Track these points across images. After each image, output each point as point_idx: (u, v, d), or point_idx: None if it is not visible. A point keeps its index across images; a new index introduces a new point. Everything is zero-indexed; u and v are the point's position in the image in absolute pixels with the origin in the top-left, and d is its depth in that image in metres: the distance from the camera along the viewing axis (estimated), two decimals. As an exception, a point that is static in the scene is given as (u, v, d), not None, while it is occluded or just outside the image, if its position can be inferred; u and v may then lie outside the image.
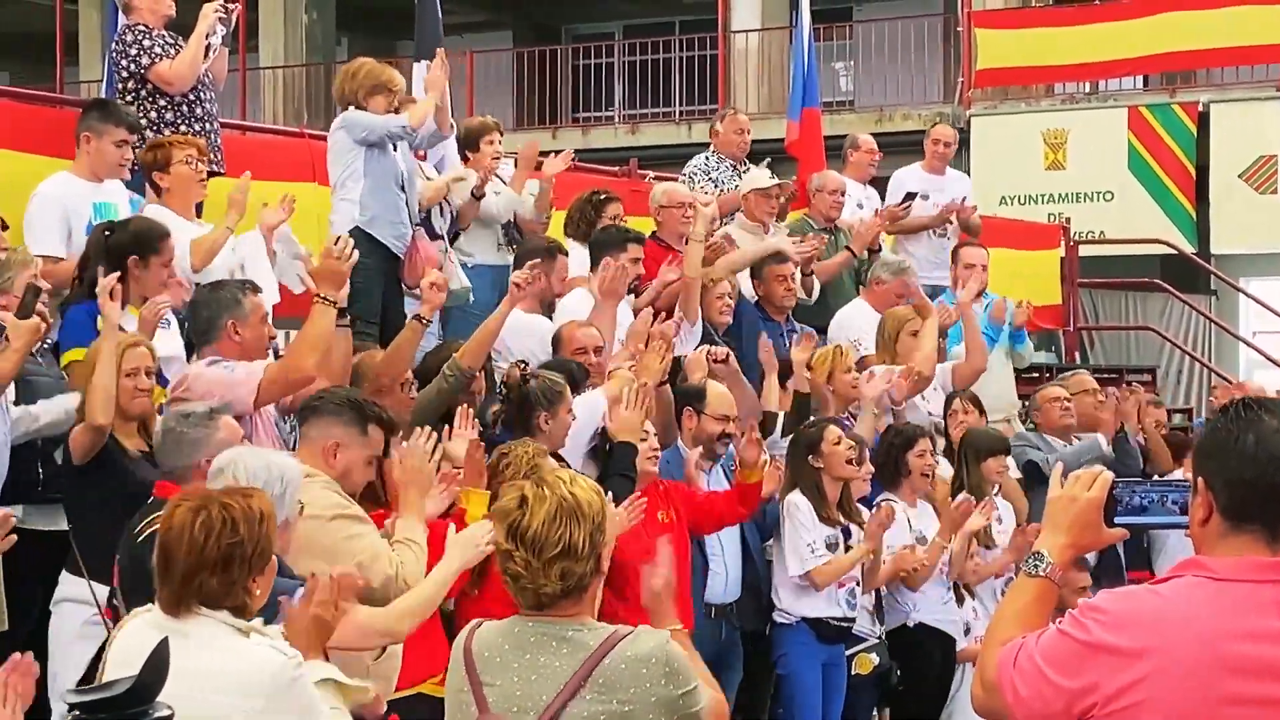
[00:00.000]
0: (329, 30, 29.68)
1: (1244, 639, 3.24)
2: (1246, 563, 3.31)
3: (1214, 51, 22.59)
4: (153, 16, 9.07)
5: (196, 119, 9.07)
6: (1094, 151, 22.70)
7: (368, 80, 9.23)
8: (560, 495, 4.30)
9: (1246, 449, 3.33)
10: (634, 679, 4.22)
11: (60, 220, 8.05)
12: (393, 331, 9.06)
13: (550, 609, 4.30)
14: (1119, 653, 3.31)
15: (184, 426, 5.85)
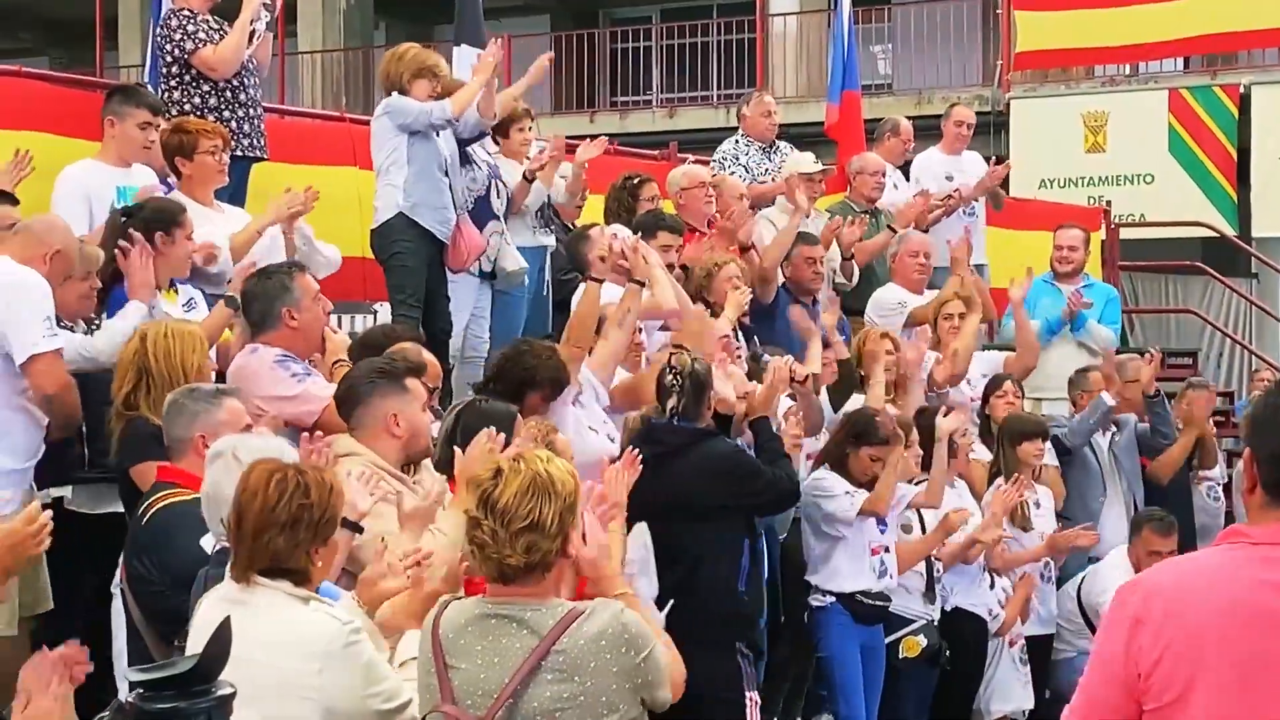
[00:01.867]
0: (367, 16, 29.73)
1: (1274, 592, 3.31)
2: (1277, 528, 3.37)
3: (1255, 33, 22.42)
4: (197, 1, 9.09)
5: (240, 104, 9.09)
6: (1134, 134, 22.64)
7: (414, 64, 9.26)
8: (535, 471, 4.38)
9: None
10: (594, 655, 4.29)
11: (83, 203, 8.04)
12: (436, 315, 9.12)
13: (514, 583, 4.36)
14: (1150, 622, 3.37)
15: (187, 399, 5.81)
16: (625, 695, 4.34)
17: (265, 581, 4.61)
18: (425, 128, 9.09)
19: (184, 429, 5.76)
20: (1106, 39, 22.84)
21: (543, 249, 10.26)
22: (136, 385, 6.37)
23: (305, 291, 7.07)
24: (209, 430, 5.70)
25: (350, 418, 6.13)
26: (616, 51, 29.92)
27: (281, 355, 6.88)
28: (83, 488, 7.08)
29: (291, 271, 7.20)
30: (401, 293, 8.99)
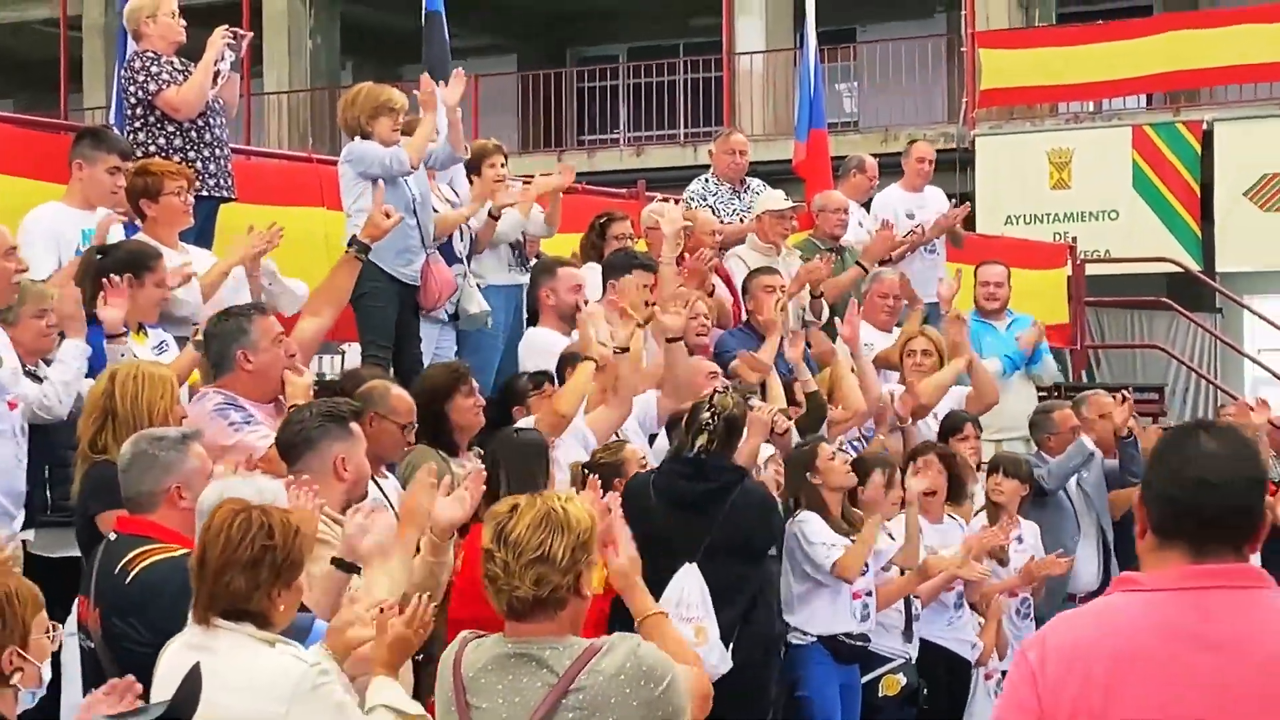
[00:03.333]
0: (333, 56, 29.75)
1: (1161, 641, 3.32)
2: (1169, 573, 3.39)
3: (1218, 70, 22.63)
4: (163, 43, 9.07)
5: (205, 144, 9.06)
6: (1099, 170, 22.72)
7: (368, 103, 9.21)
8: (550, 506, 4.37)
9: (1176, 469, 3.42)
10: (614, 691, 4.26)
11: (50, 247, 7.98)
12: (406, 356, 9.09)
13: (527, 619, 4.33)
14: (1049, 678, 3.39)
15: (157, 449, 5.61)
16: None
17: (227, 625, 4.57)
18: (384, 173, 9.03)
19: (155, 481, 5.57)
20: (1070, 76, 23.01)
21: (518, 287, 10.23)
22: (103, 427, 6.26)
23: (264, 334, 6.95)
24: (183, 480, 5.57)
25: (297, 461, 6.03)
26: (584, 90, 29.97)
27: (222, 403, 6.76)
28: (44, 531, 6.99)
29: (251, 314, 7.09)
30: (370, 334, 8.95)
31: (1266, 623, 3.32)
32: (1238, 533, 3.38)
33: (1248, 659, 3.28)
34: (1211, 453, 3.40)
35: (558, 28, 31.39)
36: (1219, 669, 3.28)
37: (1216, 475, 3.37)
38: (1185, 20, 24.10)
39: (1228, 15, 23.65)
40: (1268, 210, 22.13)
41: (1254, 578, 3.37)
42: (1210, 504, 3.36)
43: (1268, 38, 21.85)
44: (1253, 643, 3.29)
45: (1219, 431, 3.46)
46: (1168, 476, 3.42)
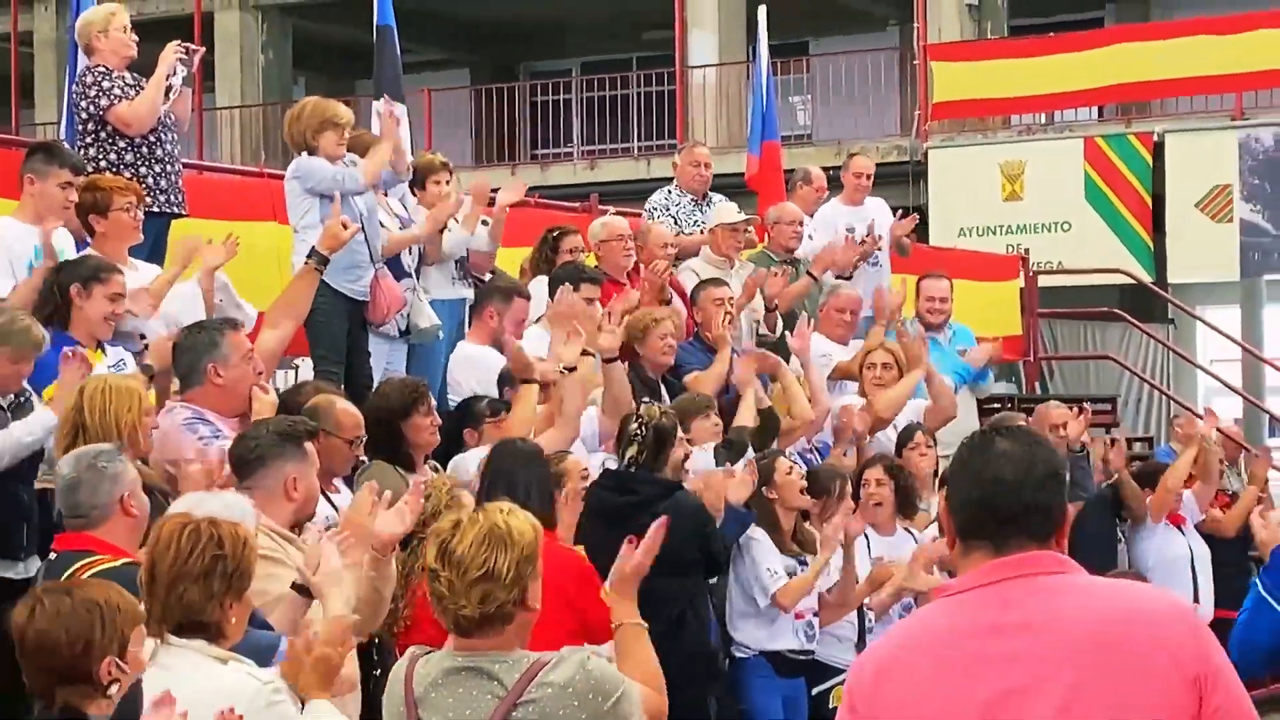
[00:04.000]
0: (286, 71, 29.70)
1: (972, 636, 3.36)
2: (973, 573, 3.44)
3: (1168, 82, 22.75)
4: (114, 58, 9.05)
5: (157, 159, 9.03)
6: (1051, 182, 22.80)
7: (314, 118, 9.22)
8: (493, 523, 4.39)
9: (975, 472, 3.47)
10: (562, 704, 4.30)
11: (2, 260, 7.95)
12: (357, 371, 9.10)
13: (474, 635, 4.36)
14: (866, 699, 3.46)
15: (104, 462, 5.61)
16: None
17: (180, 641, 4.56)
18: (333, 190, 9.04)
19: (108, 494, 5.56)
20: (1022, 89, 23.10)
21: (462, 300, 10.26)
22: (74, 441, 6.25)
23: (235, 349, 6.97)
24: (130, 489, 5.59)
25: (249, 477, 6.03)
26: (537, 104, 29.99)
27: (190, 417, 6.77)
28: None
29: (223, 328, 7.11)
30: (321, 349, 8.95)
31: (1065, 604, 3.36)
32: (1036, 527, 3.42)
33: (1047, 640, 3.31)
34: (1005, 452, 3.45)
35: (510, 42, 31.38)
36: (1016, 654, 3.31)
37: (1012, 473, 3.41)
38: (1136, 33, 24.20)
39: (1179, 27, 23.80)
40: (1219, 221, 22.23)
41: (1054, 564, 3.40)
42: (1007, 501, 3.41)
43: (1218, 50, 21.98)
44: (1053, 624, 3.33)
45: (1012, 433, 3.52)
46: (967, 481, 3.48)
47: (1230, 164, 22.18)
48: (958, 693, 3.34)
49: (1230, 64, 21.83)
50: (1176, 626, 3.34)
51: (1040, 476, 3.43)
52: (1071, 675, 3.28)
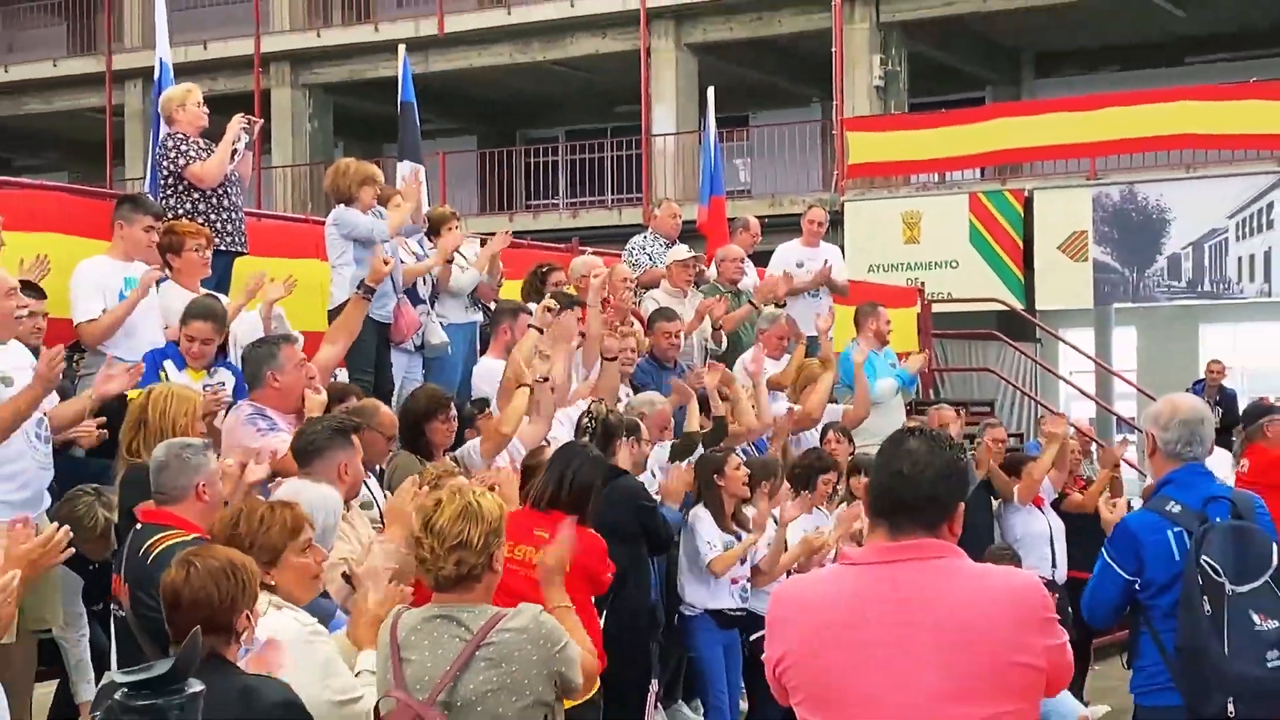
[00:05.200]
0: (328, 136, 29.66)
1: (863, 605, 3.38)
2: (869, 549, 3.47)
3: (1037, 149, 22.85)
4: (190, 127, 9.08)
5: (224, 208, 9.06)
6: (942, 229, 22.86)
7: (357, 176, 9.26)
8: (468, 500, 4.43)
9: (886, 463, 3.48)
10: (517, 647, 4.32)
11: (97, 290, 7.94)
12: (380, 379, 9.11)
13: (450, 592, 4.39)
14: (776, 627, 3.52)
15: (188, 454, 5.59)
16: (542, 680, 4.36)
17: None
18: (365, 238, 9.09)
19: (187, 479, 5.55)
20: (919, 154, 23.19)
21: (473, 324, 10.29)
22: (136, 434, 6.28)
23: (289, 359, 6.99)
24: (207, 479, 5.57)
25: (308, 464, 6.06)
26: (530, 165, 29.98)
27: (251, 413, 6.80)
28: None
29: (279, 343, 7.14)
30: (355, 361, 8.96)
31: (940, 586, 3.36)
32: (928, 516, 3.42)
33: (927, 616, 3.33)
34: (912, 450, 3.45)
35: (509, 115, 31.40)
36: (901, 626, 3.33)
37: (911, 469, 3.42)
38: (1011, 109, 24.33)
39: (1045, 105, 23.96)
40: (1076, 260, 22.33)
41: (937, 550, 3.40)
42: (904, 492, 3.42)
43: (1076, 123, 22.10)
44: (933, 603, 3.34)
45: (923, 435, 3.52)
46: (879, 470, 3.49)
47: (1085, 215, 22.28)
48: (849, 649, 3.36)
49: (1086, 135, 21.95)
50: (1020, 612, 3.36)
51: (935, 474, 3.43)
52: (939, 647, 3.31)
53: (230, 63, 28.51)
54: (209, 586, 4.06)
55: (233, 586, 4.10)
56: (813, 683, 3.39)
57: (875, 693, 3.32)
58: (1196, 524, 5.35)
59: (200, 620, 4.01)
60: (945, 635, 3.31)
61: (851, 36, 24.56)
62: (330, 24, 28.92)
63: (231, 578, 4.11)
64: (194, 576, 4.07)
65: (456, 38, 27.10)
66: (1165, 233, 21.99)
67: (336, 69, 28.58)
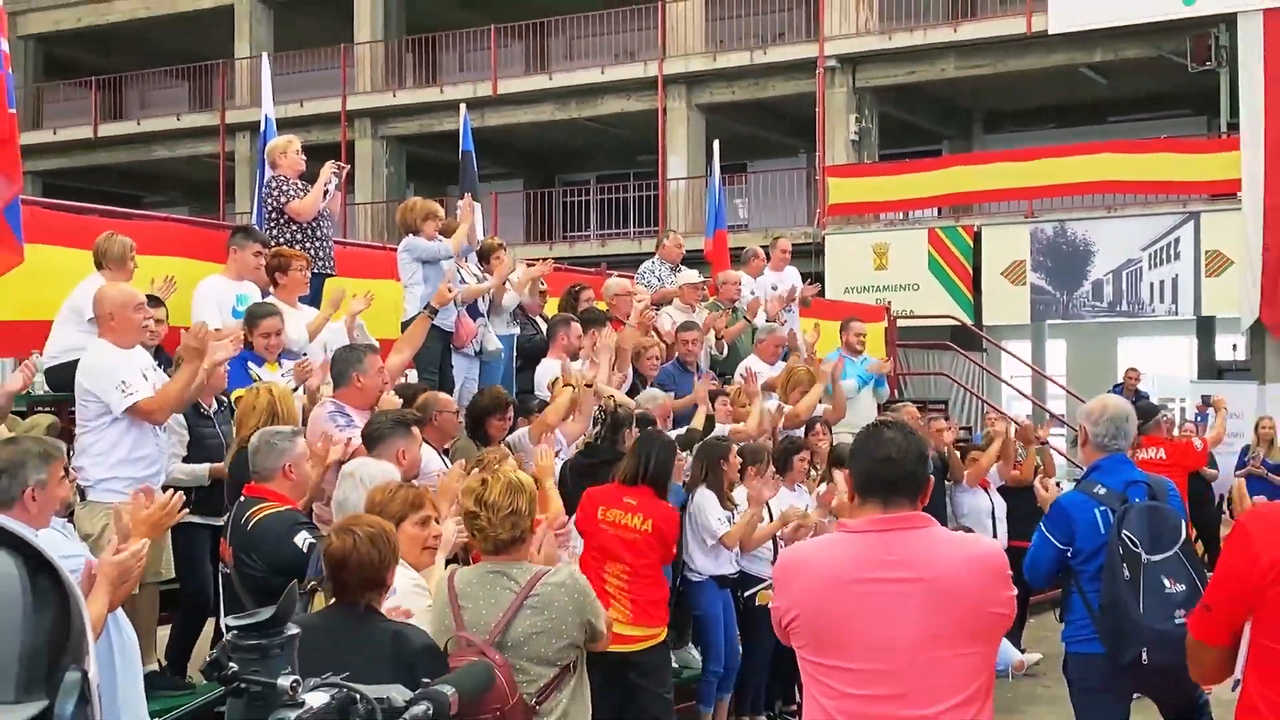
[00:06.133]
0: (401, 178, 29.72)
1: (862, 565, 3.38)
2: (866, 520, 3.45)
3: (985, 192, 22.84)
4: (290, 170, 9.09)
5: (317, 239, 9.07)
6: (906, 258, 22.86)
7: (423, 211, 9.28)
8: (509, 478, 4.47)
9: (870, 450, 3.48)
10: (556, 598, 4.34)
11: (214, 305, 7.99)
12: (444, 379, 9.10)
13: (503, 554, 4.40)
14: (784, 584, 3.51)
15: (276, 440, 5.61)
16: (576, 625, 4.37)
17: None
18: (432, 259, 9.09)
19: (275, 460, 5.57)
20: (888, 196, 23.18)
21: (512, 336, 10.25)
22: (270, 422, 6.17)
23: (372, 365, 6.93)
24: (293, 461, 5.56)
25: (373, 449, 6.05)
26: (567, 203, 30.02)
27: (334, 409, 6.73)
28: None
29: (367, 350, 7.08)
30: (423, 363, 8.97)
31: (926, 550, 3.37)
32: (911, 491, 3.43)
33: (916, 574, 3.34)
34: (891, 439, 3.46)
35: (550, 161, 31.45)
36: (894, 582, 3.34)
37: (896, 453, 3.43)
38: (963, 159, 24.29)
39: (991, 156, 23.93)
40: (1016, 284, 22.31)
41: (922, 521, 3.42)
42: (893, 473, 3.42)
43: (1017, 171, 22.09)
44: (922, 565, 3.35)
45: (896, 425, 3.54)
46: (866, 456, 3.47)
47: (1024, 246, 22.26)
48: (850, 601, 3.36)
49: (1025, 180, 21.94)
50: (991, 572, 3.39)
51: (915, 456, 3.44)
52: (926, 599, 3.32)
53: (322, 118, 28.59)
54: (372, 552, 4.02)
55: (387, 548, 4.07)
56: (818, 629, 3.39)
57: (869, 636, 3.32)
58: (1119, 504, 5.35)
59: (365, 579, 4.00)
60: (931, 588, 3.32)
61: (832, 99, 24.55)
62: (404, 86, 28.96)
63: (387, 541, 4.09)
64: (359, 543, 4.03)
65: (507, 98, 27.15)
66: (1090, 262, 21.95)
67: (409, 123, 28.63)
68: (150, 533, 4.39)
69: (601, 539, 6.98)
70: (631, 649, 6.85)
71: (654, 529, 6.99)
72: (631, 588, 6.97)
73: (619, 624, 6.76)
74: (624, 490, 7.01)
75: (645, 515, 7.01)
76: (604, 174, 30.85)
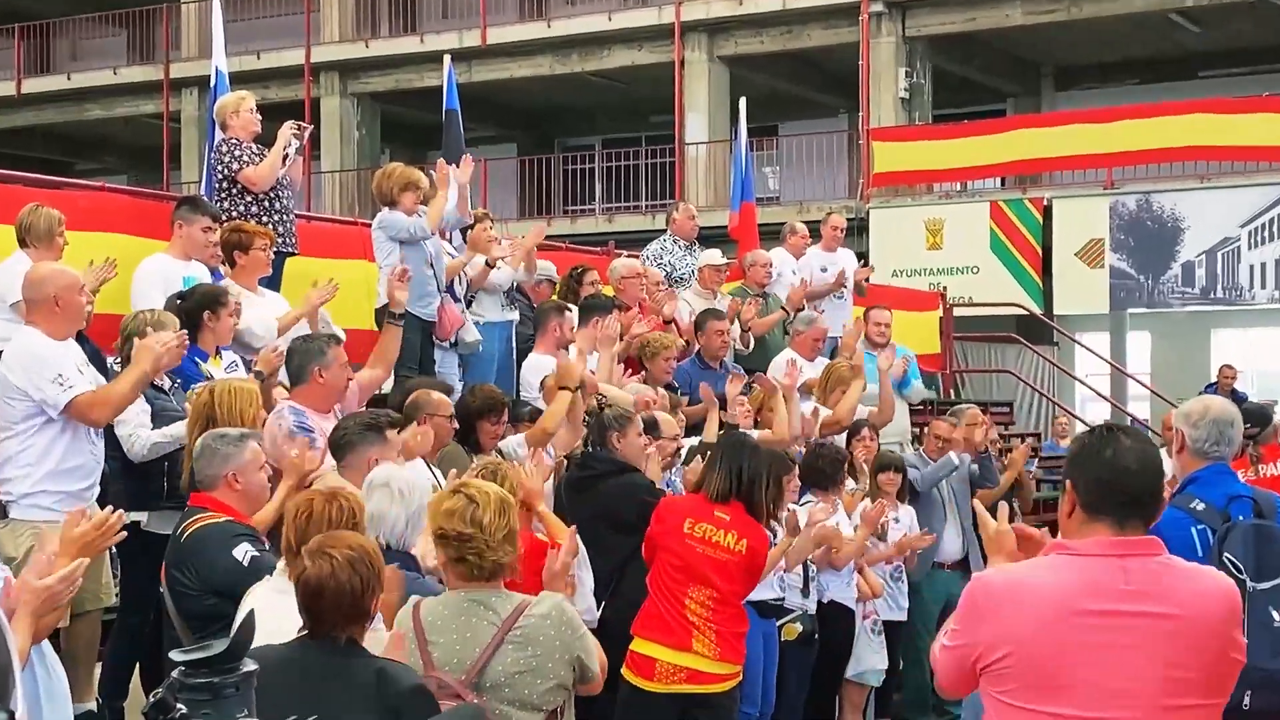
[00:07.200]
0: (375, 142, 29.75)
1: (1097, 594, 3.32)
2: (1095, 541, 3.39)
3: (1056, 159, 22.77)
4: (243, 132, 9.08)
5: (275, 211, 9.06)
6: (964, 236, 22.81)
7: (400, 180, 9.23)
8: (498, 494, 4.47)
9: (1105, 459, 3.42)
10: (542, 630, 4.33)
11: (159, 288, 7.96)
12: (426, 373, 9.08)
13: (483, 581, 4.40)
14: (988, 613, 3.39)
15: (219, 444, 5.59)
16: (565, 664, 4.37)
17: None
18: (409, 238, 9.07)
19: (216, 468, 5.56)
20: (942, 163, 23.13)
21: (509, 322, 10.23)
22: (205, 428, 6.22)
23: (336, 359, 6.94)
24: (239, 469, 5.55)
25: (341, 458, 6.05)
26: (567, 171, 30.01)
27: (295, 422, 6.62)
28: (158, 513, 6.92)
29: (329, 342, 7.09)
30: (403, 358, 8.95)
31: (1174, 582, 3.35)
32: (1148, 511, 3.41)
33: (1156, 609, 3.31)
34: (1130, 447, 3.42)
35: (547, 123, 31.45)
36: (1131, 617, 3.31)
37: (1136, 464, 3.39)
38: (1031, 120, 24.25)
39: (1063, 116, 23.86)
40: (1093, 267, 22.26)
41: (1159, 547, 3.40)
42: (1131, 487, 3.38)
43: (1093, 134, 22.01)
44: (1167, 599, 3.32)
45: (1131, 433, 3.49)
46: (1099, 464, 3.42)
47: (1102, 223, 22.21)
48: (1081, 637, 3.31)
49: (1103, 145, 21.87)
50: (1233, 610, 3.41)
51: (1156, 470, 3.42)
52: (1175, 639, 3.30)
53: (282, 72, 28.62)
54: (350, 578, 4.01)
55: (369, 572, 4.06)
56: (1038, 669, 3.31)
57: (1101, 680, 3.27)
58: (1220, 522, 5.31)
59: (345, 611, 4.00)
60: (1180, 627, 3.30)
61: (878, 50, 24.51)
62: (378, 35, 29.00)
63: (369, 565, 4.07)
64: (337, 569, 4.01)
65: (498, 49, 27.15)
66: (1179, 241, 21.90)
67: (383, 78, 28.66)
68: (82, 554, 4.38)
69: (689, 557, 6.86)
70: (714, 689, 6.80)
71: (749, 550, 6.93)
72: (716, 618, 6.88)
73: (703, 660, 6.79)
74: (713, 503, 6.94)
75: (740, 534, 6.92)
76: (611, 138, 30.84)
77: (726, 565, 6.90)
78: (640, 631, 6.90)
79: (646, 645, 6.84)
